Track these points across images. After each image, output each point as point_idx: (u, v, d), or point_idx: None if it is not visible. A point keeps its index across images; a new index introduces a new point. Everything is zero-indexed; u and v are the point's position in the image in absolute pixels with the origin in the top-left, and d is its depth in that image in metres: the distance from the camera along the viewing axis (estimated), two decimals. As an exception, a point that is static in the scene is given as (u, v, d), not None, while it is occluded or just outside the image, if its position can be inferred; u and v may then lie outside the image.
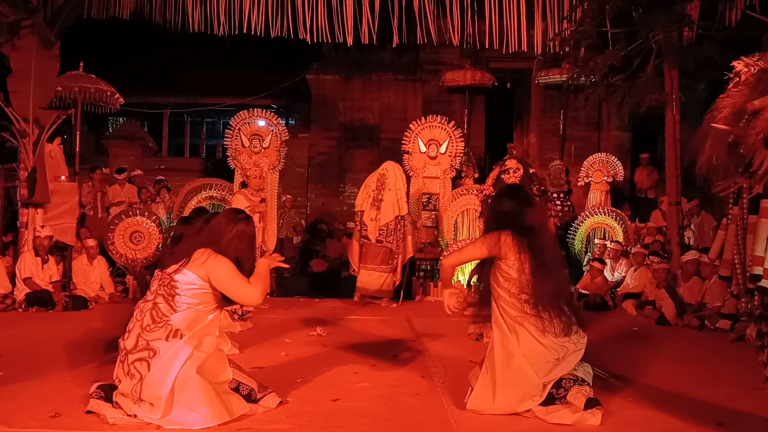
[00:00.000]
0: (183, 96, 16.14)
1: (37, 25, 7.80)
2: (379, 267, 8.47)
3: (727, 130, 2.67)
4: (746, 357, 5.56)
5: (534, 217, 3.61)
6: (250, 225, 3.55)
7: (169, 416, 3.14)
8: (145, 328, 3.24)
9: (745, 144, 2.57)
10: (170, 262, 3.36)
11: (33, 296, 7.30)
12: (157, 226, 9.51)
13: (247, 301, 3.53)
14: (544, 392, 3.44)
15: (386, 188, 8.54)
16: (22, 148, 7.97)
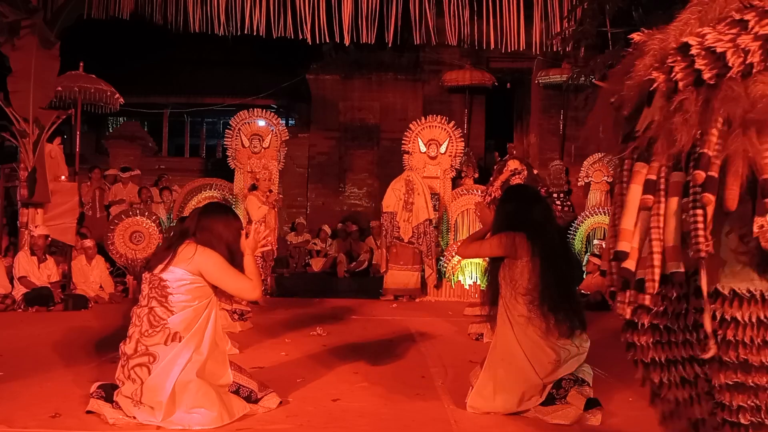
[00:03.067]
0: (183, 96, 16.15)
1: (37, 25, 7.81)
2: (412, 267, 9.06)
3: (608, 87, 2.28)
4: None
5: (543, 216, 3.62)
6: (237, 217, 3.61)
7: (171, 419, 3.14)
8: (144, 334, 3.23)
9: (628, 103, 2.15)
10: (158, 261, 3.31)
11: (32, 295, 7.30)
12: (157, 226, 9.51)
13: (246, 294, 3.49)
14: (544, 392, 3.44)
15: (416, 192, 9.12)
16: (22, 148, 7.98)
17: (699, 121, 1.97)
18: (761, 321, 1.99)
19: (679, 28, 2.10)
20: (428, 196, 9.25)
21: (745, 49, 1.92)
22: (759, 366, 2.00)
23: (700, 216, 1.93)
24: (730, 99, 1.93)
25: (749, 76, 1.93)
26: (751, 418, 2.01)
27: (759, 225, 1.88)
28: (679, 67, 1.98)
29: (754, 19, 1.93)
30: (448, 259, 9.35)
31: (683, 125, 1.97)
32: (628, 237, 2.07)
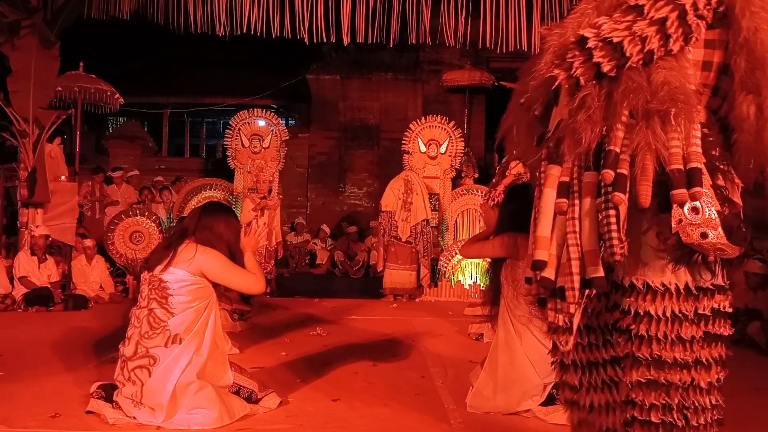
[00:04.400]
0: (183, 96, 16.13)
1: (37, 25, 7.81)
2: (410, 266, 9.13)
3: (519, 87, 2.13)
4: (746, 357, 5.56)
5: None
6: (236, 216, 3.64)
7: (171, 420, 3.15)
8: (144, 335, 3.23)
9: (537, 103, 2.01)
10: (157, 261, 3.30)
11: (33, 295, 7.30)
12: (157, 226, 9.51)
13: (251, 288, 3.50)
14: (544, 393, 3.44)
15: (414, 192, 9.17)
16: (22, 148, 7.98)
17: (603, 116, 1.88)
18: (676, 316, 1.93)
19: (576, 20, 1.99)
20: (426, 197, 9.27)
21: (642, 36, 1.81)
22: (672, 363, 1.93)
23: (612, 217, 1.85)
24: (632, 90, 1.84)
25: (651, 63, 1.84)
26: (662, 416, 1.95)
27: (677, 220, 1.82)
28: (578, 61, 1.88)
29: (648, 3, 1.83)
30: (448, 259, 9.35)
31: (587, 122, 1.88)
32: (545, 245, 1.98)
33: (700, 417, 1.96)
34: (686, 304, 1.92)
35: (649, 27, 1.82)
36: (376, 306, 8.35)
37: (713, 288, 1.94)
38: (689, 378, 1.94)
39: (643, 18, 1.83)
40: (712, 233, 1.81)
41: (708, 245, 1.82)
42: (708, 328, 1.94)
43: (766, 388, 4.40)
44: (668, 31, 1.81)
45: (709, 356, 1.94)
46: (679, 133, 1.81)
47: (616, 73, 1.86)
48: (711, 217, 1.81)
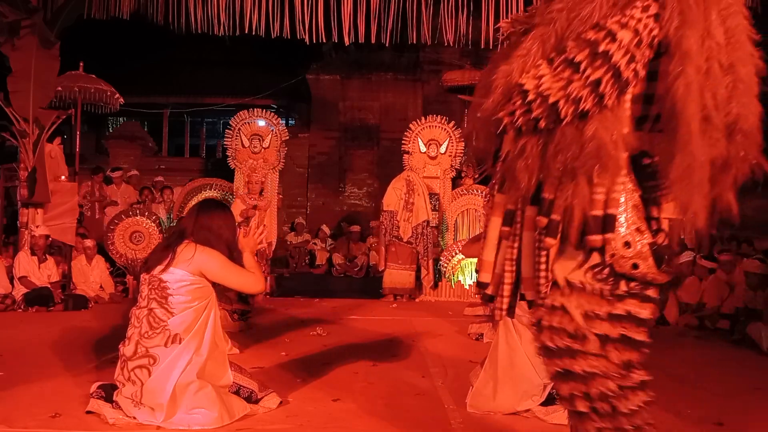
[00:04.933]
0: (183, 96, 16.14)
1: (37, 25, 7.81)
2: (409, 266, 9.17)
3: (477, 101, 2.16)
4: (746, 357, 5.57)
5: None
6: (231, 212, 3.65)
7: (171, 420, 3.15)
8: (144, 335, 3.23)
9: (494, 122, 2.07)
10: (156, 262, 3.30)
11: (33, 295, 7.30)
12: (157, 226, 9.51)
13: (251, 287, 3.51)
14: (544, 392, 3.44)
15: (416, 192, 9.22)
16: (22, 148, 7.98)
17: (539, 166, 1.95)
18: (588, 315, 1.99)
19: (522, 58, 2.00)
20: (427, 197, 9.30)
21: (576, 98, 1.85)
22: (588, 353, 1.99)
23: (543, 257, 2.00)
24: (563, 147, 1.90)
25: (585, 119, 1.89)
26: (588, 403, 2.01)
27: (610, 254, 1.93)
28: (519, 111, 1.93)
29: (586, 60, 1.85)
30: (448, 259, 9.35)
31: (524, 170, 1.97)
32: (488, 268, 2.18)
33: (627, 403, 1.99)
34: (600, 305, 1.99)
35: (584, 89, 1.85)
36: (376, 306, 8.35)
37: (626, 294, 2.00)
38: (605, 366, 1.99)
39: (579, 77, 1.85)
40: (642, 264, 1.94)
41: (639, 275, 1.96)
42: (624, 331, 1.99)
43: (766, 388, 4.40)
44: (602, 91, 1.86)
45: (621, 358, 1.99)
46: (604, 183, 1.91)
47: (553, 128, 1.92)
48: (642, 251, 1.94)
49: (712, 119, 1.87)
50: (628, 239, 1.93)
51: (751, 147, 1.96)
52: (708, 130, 1.87)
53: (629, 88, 1.91)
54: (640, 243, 1.94)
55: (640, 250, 1.93)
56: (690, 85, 1.83)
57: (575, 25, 1.91)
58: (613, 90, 1.87)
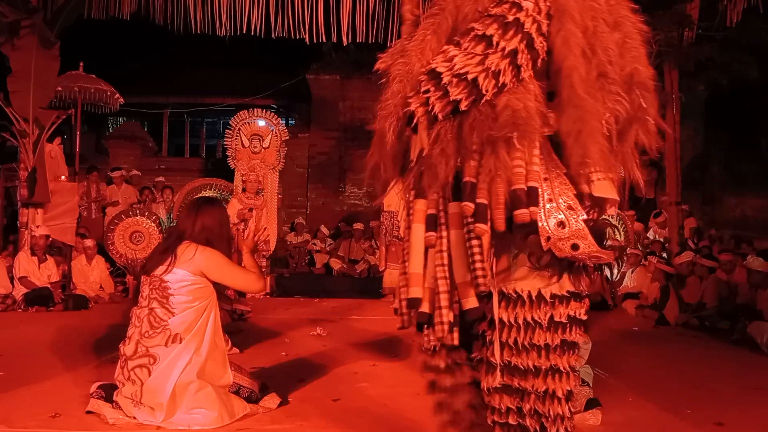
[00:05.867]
0: (183, 96, 16.13)
1: (37, 25, 7.81)
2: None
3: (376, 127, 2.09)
4: (746, 357, 5.57)
5: None
6: (225, 208, 3.69)
7: (171, 420, 3.15)
8: (144, 335, 3.23)
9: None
10: (156, 264, 3.31)
11: (32, 295, 7.30)
12: (157, 226, 9.51)
13: (252, 285, 3.51)
14: (544, 392, 3.44)
15: None
16: (22, 148, 7.98)
17: (456, 149, 1.88)
18: (528, 323, 1.92)
19: (418, 48, 1.95)
20: None
21: (495, 71, 1.81)
22: (525, 369, 1.93)
23: (476, 248, 1.87)
24: (479, 121, 1.85)
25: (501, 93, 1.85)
26: (519, 419, 1.96)
27: (546, 237, 1.83)
28: (434, 97, 1.86)
29: (497, 33, 1.81)
30: (448, 259, 9.36)
31: (441, 156, 1.89)
32: (418, 281, 1.99)
33: (559, 426, 1.93)
34: (540, 312, 1.92)
35: (502, 60, 1.81)
36: (376, 306, 8.34)
37: (569, 295, 1.93)
38: (543, 386, 1.92)
39: (494, 50, 1.81)
40: (582, 243, 1.82)
41: (582, 255, 1.84)
42: (565, 336, 1.92)
43: (766, 388, 4.40)
44: (519, 62, 1.83)
45: (566, 364, 1.93)
46: (523, 153, 1.83)
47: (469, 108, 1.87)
48: (579, 228, 1.82)
49: (609, 74, 1.84)
50: (562, 218, 1.83)
51: (650, 101, 1.91)
52: (606, 86, 1.84)
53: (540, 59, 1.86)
54: (574, 221, 1.83)
55: (577, 228, 1.83)
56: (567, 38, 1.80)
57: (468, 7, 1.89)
58: (529, 61, 1.83)
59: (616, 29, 1.90)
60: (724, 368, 5.11)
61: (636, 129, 1.90)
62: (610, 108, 1.84)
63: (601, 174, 1.87)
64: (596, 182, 1.87)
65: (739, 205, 13.58)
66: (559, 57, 1.82)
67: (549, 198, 1.84)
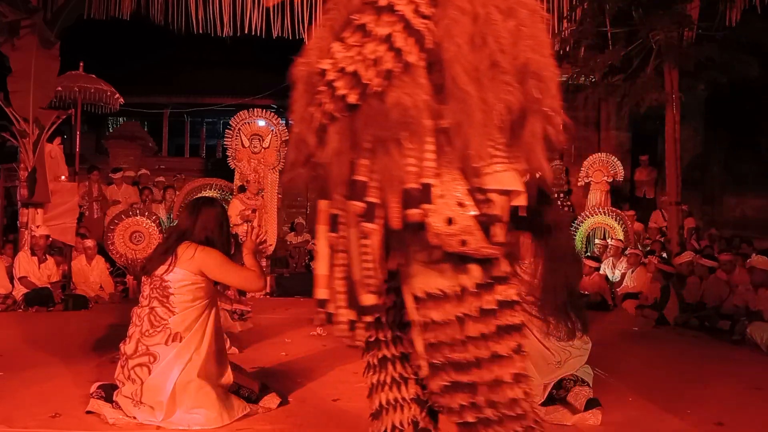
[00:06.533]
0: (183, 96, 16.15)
1: (37, 25, 7.81)
2: None
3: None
4: (746, 357, 5.57)
5: (552, 217, 3.57)
6: (224, 207, 3.71)
7: (171, 419, 3.15)
8: (144, 333, 3.24)
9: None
10: (156, 265, 3.33)
11: (32, 295, 7.30)
12: (157, 226, 9.51)
13: (252, 283, 3.51)
14: (544, 393, 3.44)
15: None
16: (22, 148, 7.98)
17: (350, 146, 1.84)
18: (460, 318, 1.89)
19: (317, 47, 1.91)
20: None
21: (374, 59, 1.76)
22: (470, 363, 1.90)
23: (366, 249, 1.86)
24: (369, 117, 1.80)
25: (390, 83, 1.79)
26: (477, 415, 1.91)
27: (434, 234, 1.80)
28: (325, 97, 1.83)
29: (371, 20, 1.77)
30: (448, 259, 9.35)
31: (335, 155, 1.86)
32: (324, 283, 2.01)
33: (516, 409, 1.92)
34: (468, 304, 1.89)
35: (378, 46, 1.77)
36: (376, 306, 8.33)
37: (492, 281, 1.91)
38: (490, 375, 1.90)
39: (370, 38, 1.77)
40: (471, 239, 1.81)
41: (470, 250, 1.83)
42: (498, 321, 1.91)
43: (766, 388, 4.40)
44: (397, 45, 1.77)
45: (508, 348, 1.91)
46: (414, 150, 1.80)
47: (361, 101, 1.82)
48: (467, 224, 1.80)
49: (500, 63, 1.79)
50: (451, 215, 1.80)
51: (547, 94, 1.86)
52: (498, 76, 1.79)
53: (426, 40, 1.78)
54: (464, 217, 1.80)
55: (466, 224, 1.80)
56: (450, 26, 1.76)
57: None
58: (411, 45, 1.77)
59: (510, 16, 1.83)
60: (724, 368, 5.11)
61: (536, 120, 1.86)
62: (501, 99, 1.80)
63: (502, 165, 1.86)
64: (493, 174, 1.86)
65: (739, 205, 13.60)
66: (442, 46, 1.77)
67: (440, 194, 1.81)
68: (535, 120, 1.87)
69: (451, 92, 1.78)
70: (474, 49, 1.79)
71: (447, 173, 1.83)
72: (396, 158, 1.80)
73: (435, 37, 1.80)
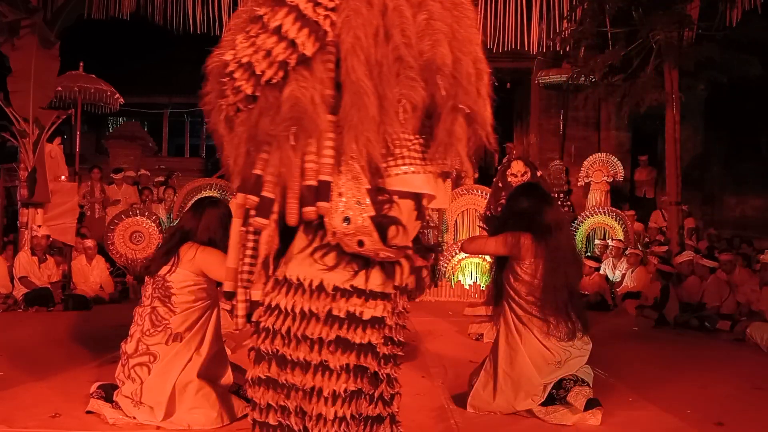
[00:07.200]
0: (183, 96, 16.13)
1: (37, 25, 7.80)
2: None
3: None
4: (746, 357, 5.57)
5: (552, 217, 3.57)
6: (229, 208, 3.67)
7: (171, 419, 3.15)
8: (145, 333, 3.25)
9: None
10: (160, 266, 3.33)
11: (32, 295, 7.30)
12: (157, 226, 9.51)
13: None
14: (544, 393, 3.44)
15: None
16: (22, 148, 7.98)
17: (247, 138, 1.82)
18: (304, 314, 1.84)
19: (229, 41, 1.90)
20: None
21: (267, 50, 1.74)
22: (295, 362, 1.83)
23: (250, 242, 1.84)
24: (264, 111, 1.78)
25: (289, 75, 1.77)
26: (279, 418, 1.85)
27: (332, 232, 1.78)
28: (228, 88, 1.82)
29: (267, 12, 1.75)
30: (448, 259, 9.35)
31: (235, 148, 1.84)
32: (233, 276, 1.97)
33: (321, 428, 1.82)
34: (318, 302, 1.84)
35: (270, 38, 1.74)
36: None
37: (351, 290, 1.85)
38: (311, 383, 1.83)
39: (264, 29, 1.75)
40: (367, 240, 1.77)
41: (367, 252, 1.78)
42: (341, 333, 1.83)
43: (766, 388, 4.40)
44: (290, 36, 1.74)
45: (338, 363, 1.83)
46: (313, 146, 1.76)
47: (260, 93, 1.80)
48: (364, 225, 1.76)
49: (404, 58, 1.74)
50: (348, 214, 1.76)
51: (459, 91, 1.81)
52: (403, 71, 1.74)
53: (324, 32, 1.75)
54: (360, 217, 1.76)
55: (362, 224, 1.76)
56: (349, 19, 1.72)
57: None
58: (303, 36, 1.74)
59: (421, 10, 1.78)
60: (724, 368, 5.11)
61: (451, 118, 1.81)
62: (404, 94, 1.75)
63: (415, 167, 1.81)
64: (400, 176, 1.81)
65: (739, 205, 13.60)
66: (340, 38, 1.74)
67: (339, 192, 1.78)
68: (449, 118, 1.81)
69: (345, 84, 1.73)
70: (378, 42, 1.74)
71: (348, 171, 1.78)
72: (288, 153, 1.75)
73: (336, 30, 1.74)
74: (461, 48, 1.83)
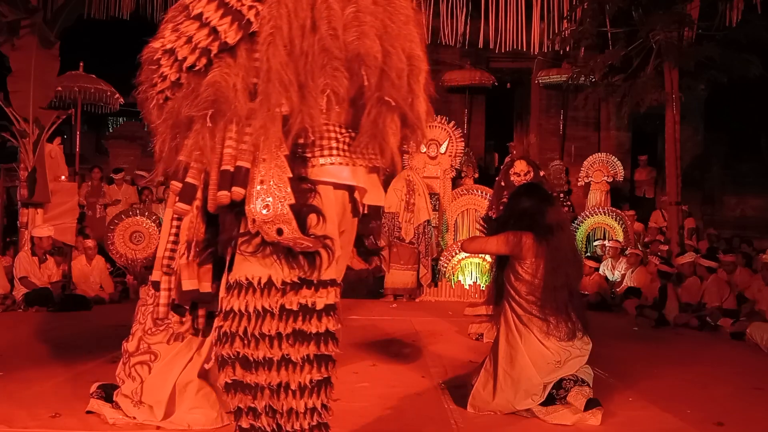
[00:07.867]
0: (183, 96, 16.13)
1: (37, 25, 7.80)
2: (412, 266, 9.19)
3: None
4: (746, 357, 5.57)
5: (554, 216, 3.57)
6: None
7: (170, 419, 3.15)
8: (147, 332, 3.24)
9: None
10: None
11: (33, 295, 7.30)
12: (157, 226, 9.50)
13: None
14: (544, 392, 3.44)
15: (416, 193, 9.17)
16: (22, 148, 7.98)
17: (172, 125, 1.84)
18: (259, 312, 1.84)
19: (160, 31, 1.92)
20: (427, 197, 9.29)
21: (188, 37, 1.76)
22: (258, 362, 1.83)
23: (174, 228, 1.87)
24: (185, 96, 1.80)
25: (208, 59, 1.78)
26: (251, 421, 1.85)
27: (251, 220, 1.78)
28: (156, 75, 1.84)
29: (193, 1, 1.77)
30: (448, 259, 9.35)
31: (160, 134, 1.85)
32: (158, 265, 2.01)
33: (294, 422, 1.84)
34: (270, 299, 1.85)
35: (192, 24, 1.77)
36: (376, 306, 8.34)
37: (299, 282, 1.86)
38: (277, 379, 1.84)
39: (187, 17, 1.78)
40: (286, 228, 1.77)
41: (287, 241, 1.78)
42: (296, 325, 1.85)
43: (766, 388, 4.40)
44: (212, 24, 1.75)
45: (298, 355, 1.84)
46: (233, 132, 1.77)
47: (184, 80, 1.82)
48: (283, 213, 1.77)
49: (330, 49, 1.77)
50: (267, 201, 1.76)
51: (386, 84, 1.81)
52: (328, 61, 1.76)
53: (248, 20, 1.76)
54: (280, 205, 1.76)
55: (281, 212, 1.76)
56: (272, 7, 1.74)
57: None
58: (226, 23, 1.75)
59: (349, 3, 1.81)
60: (724, 368, 5.11)
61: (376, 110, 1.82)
62: (328, 84, 1.77)
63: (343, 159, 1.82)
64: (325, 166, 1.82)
65: (739, 205, 13.60)
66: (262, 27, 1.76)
67: (261, 180, 1.77)
68: (374, 110, 1.82)
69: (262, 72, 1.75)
70: (305, 33, 1.76)
71: (273, 159, 1.78)
72: (205, 135, 1.76)
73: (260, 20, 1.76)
74: (392, 42, 1.84)
